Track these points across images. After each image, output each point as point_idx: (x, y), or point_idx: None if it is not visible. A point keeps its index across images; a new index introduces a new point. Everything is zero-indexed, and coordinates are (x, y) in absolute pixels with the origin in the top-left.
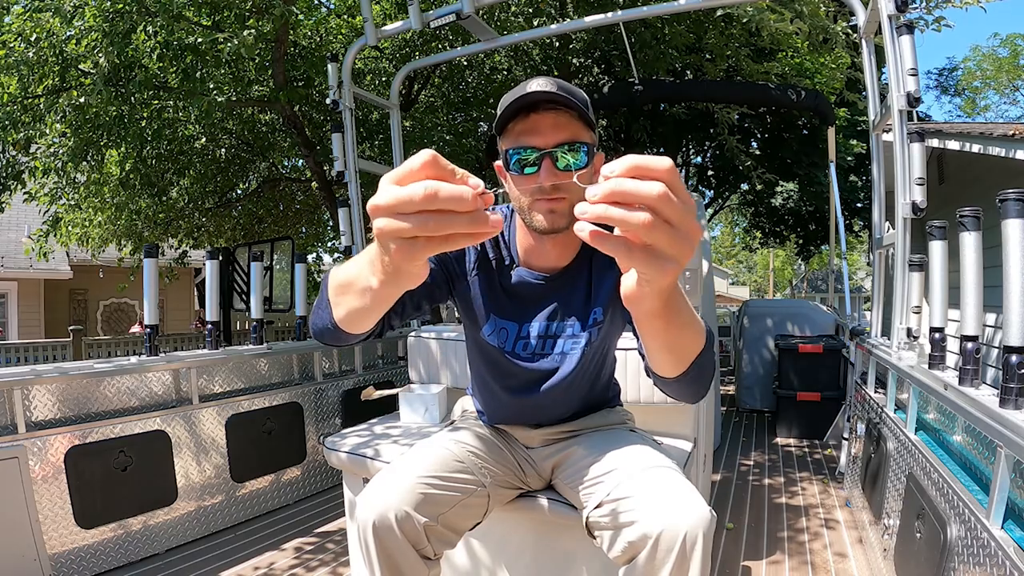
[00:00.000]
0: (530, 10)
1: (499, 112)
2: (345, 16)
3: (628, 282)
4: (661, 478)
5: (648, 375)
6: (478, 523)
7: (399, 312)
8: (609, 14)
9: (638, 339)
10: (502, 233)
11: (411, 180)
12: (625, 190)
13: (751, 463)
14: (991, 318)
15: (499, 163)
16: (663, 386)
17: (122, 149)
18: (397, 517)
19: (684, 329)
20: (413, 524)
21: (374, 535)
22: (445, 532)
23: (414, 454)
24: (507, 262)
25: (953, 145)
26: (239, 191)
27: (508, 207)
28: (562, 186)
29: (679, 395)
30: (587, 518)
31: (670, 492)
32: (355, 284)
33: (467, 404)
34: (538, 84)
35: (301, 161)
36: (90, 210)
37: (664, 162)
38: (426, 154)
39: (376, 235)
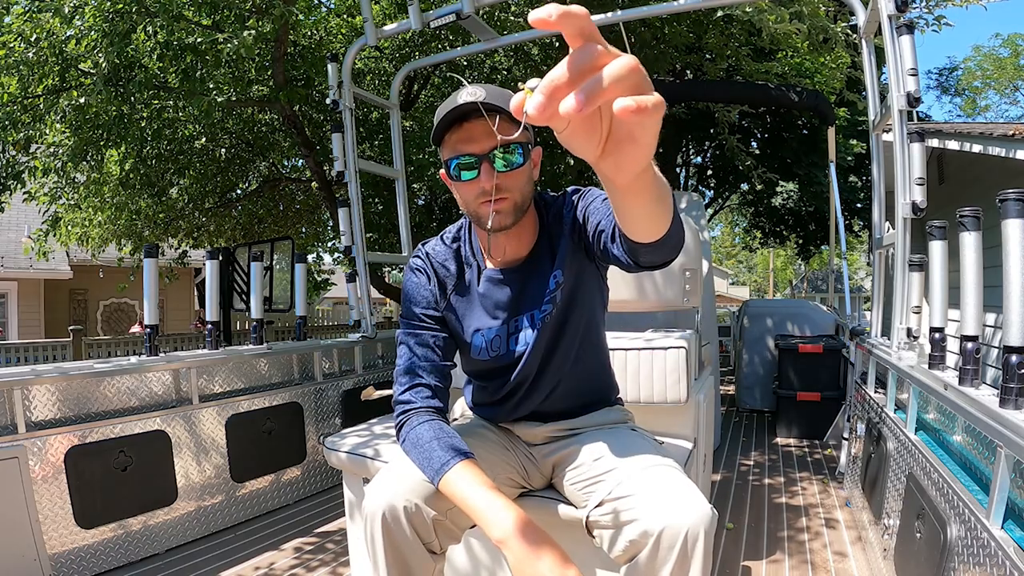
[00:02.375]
0: (530, 10)
1: (435, 124)
2: (345, 16)
3: (635, 146)
4: (662, 476)
5: (633, 264)
6: None
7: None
8: (609, 14)
9: (610, 244)
10: (468, 244)
11: None
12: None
13: (751, 463)
14: (991, 318)
15: (443, 172)
16: (655, 251)
17: (122, 149)
18: (407, 509)
19: (663, 192)
20: (422, 517)
21: (382, 526)
22: (451, 527)
23: None
24: (476, 269)
25: (953, 145)
26: (239, 191)
27: (465, 219)
28: (503, 186)
29: (671, 248)
30: (587, 517)
31: (671, 490)
32: (461, 506)
33: (464, 405)
34: (468, 94)
35: (301, 161)
36: (90, 210)
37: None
38: None
39: None
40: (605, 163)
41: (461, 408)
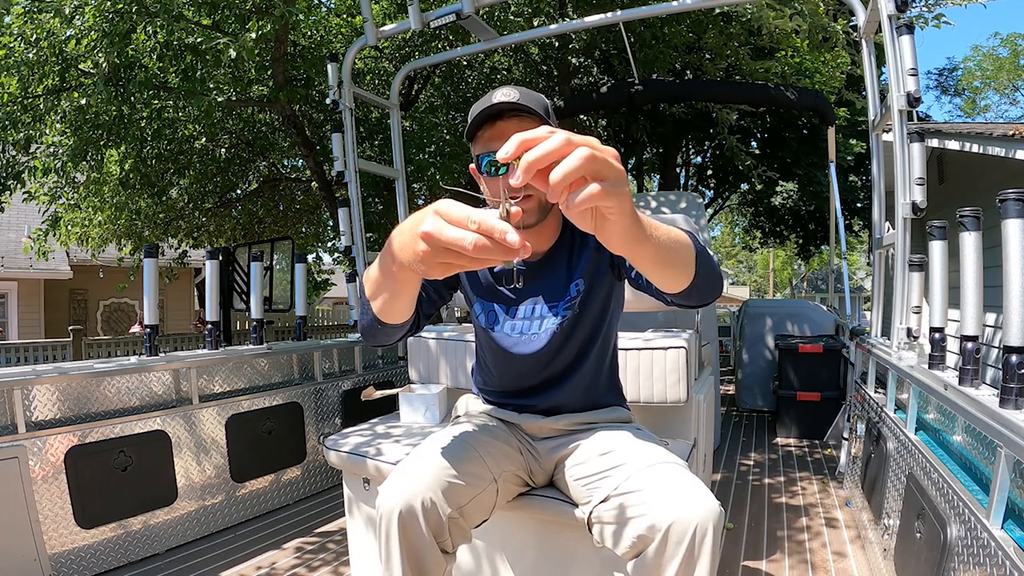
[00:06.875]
0: (530, 10)
1: (469, 120)
2: (345, 16)
3: (606, 231)
4: (670, 473)
5: (669, 303)
6: (485, 520)
7: (425, 302)
8: (609, 14)
9: (642, 282)
10: None
11: (463, 226)
12: (535, 160)
13: (751, 463)
14: (991, 318)
15: (472, 166)
16: (684, 299)
17: (122, 149)
18: (424, 505)
19: (671, 243)
20: (438, 513)
21: (399, 524)
22: (464, 526)
23: (432, 446)
24: None
25: (953, 145)
26: (239, 191)
27: None
28: (529, 185)
29: (702, 297)
30: (591, 513)
31: (679, 486)
32: (385, 282)
33: (470, 401)
34: (503, 94)
35: (301, 161)
36: (90, 210)
37: (542, 131)
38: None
39: (421, 254)
40: (599, 235)
41: (465, 406)
